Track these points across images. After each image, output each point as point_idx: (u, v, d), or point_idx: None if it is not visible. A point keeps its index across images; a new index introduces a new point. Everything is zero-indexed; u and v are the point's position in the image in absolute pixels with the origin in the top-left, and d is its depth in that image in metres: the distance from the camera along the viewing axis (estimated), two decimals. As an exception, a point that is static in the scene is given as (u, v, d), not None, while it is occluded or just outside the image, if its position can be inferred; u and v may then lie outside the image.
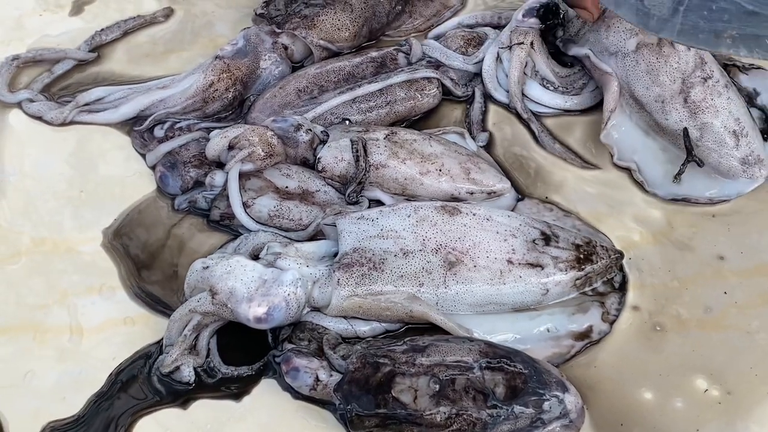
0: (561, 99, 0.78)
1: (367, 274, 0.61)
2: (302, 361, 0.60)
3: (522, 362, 0.58)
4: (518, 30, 0.78)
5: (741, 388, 0.61)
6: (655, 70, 0.72)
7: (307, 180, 0.71)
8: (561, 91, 0.79)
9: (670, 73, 0.72)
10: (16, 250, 0.71)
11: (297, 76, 0.79)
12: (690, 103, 0.72)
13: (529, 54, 0.78)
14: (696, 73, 0.72)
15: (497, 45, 0.79)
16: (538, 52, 0.78)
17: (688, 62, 0.72)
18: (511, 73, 0.77)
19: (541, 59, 0.78)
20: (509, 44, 0.78)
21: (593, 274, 0.64)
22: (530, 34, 0.78)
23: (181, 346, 0.61)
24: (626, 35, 0.73)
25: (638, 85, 0.73)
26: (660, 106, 0.72)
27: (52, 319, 0.66)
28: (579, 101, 0.79)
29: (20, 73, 0.83)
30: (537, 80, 0.79)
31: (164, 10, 0.89)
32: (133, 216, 0.73)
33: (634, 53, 0.73)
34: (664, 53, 0.72)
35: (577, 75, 0.80)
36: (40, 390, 0.62)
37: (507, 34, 0.79)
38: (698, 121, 0.71)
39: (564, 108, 0.78)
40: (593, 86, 0.79)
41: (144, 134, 0.77)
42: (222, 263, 0.61)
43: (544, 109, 0.78)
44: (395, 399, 0.56)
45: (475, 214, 0.65)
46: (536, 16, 0.78)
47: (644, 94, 0.73)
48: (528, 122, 0.77)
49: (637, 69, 0.73)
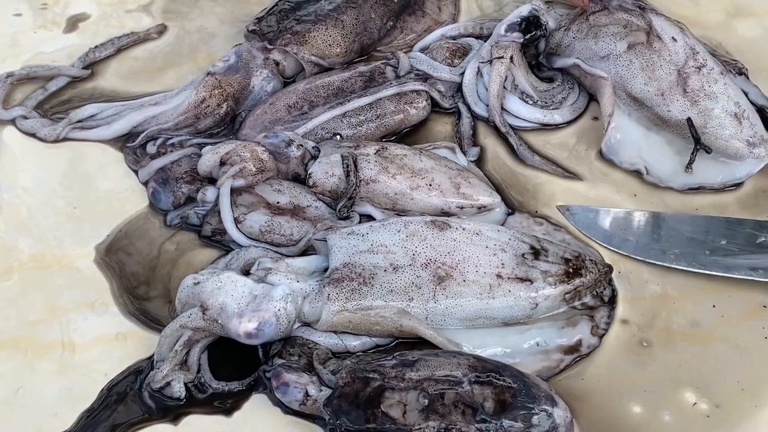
0: (540, 113, 0.79)
1: (357, 289, 0.62)
2: (292, 376, 0.60)
3: (511, 376, 0.58)
4: (499, 44, 0.79)
5: (729, 402, 0.61)
6: (650, 66, 0.74)
7: (299, 195, 0.71)
8: (540, 105, 0.79)
9: (664, 67, 0.74)
10: (10, 266, 0.71)
11: (287, 92, 0.79)
12: (690, 91, 0.73)
13: (508, 68, 0.78)
14: (689, 63, 0.74)
15: (477, 59, 0.79)
16: (518, 66, 0.79)
17: (678, 53, 0.74)
18: (491, 87, 0.78)
19: (520, 73, 0.79)
20: (489, 58, 0.78)
21: (582, 288, 0.65)
22: (510, 48, 0.78)
23: (171, 362, 0.61)
24: (616, 38, 0.75)
25: (635, 82, 0.75)
26: (661, 100, 0.74)
27: (44, 335, 0.67)
28: (558, 115, 0.79)
29: (14, 90, 0.84)
30: (516, 94, 0.79)
31: (158, 27, 0.90)
32: (126, 232, 0.73)
33: (626, 53, 0.75)
34: (656, 48, 0.74)
35: (557, 89, 0.80)
36: (32, 406, 0.63)
37: (487, 48, 0.79)
38: (700, 108, 0.73)
39: (543, 122, 0.79)
40: (573, 100, 0.80)
41: (136, 150, 0.77)
42: (213, 279, 0.61)
43: (523, 123, 0.79)
44: (384, 414, 0.56)
45: (464, 229, 0.65)
46: (518, 30, 0.78)
47: (642, 90, 0.74)
48: (506, 136, 0.77)
49: (631, 67, 0.75)
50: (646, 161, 0.75)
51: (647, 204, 0.73)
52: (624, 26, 0.76)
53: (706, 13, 0.90)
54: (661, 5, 0.83)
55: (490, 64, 0.78)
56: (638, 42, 0.75)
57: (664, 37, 0.76)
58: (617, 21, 0.76)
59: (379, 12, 0.85)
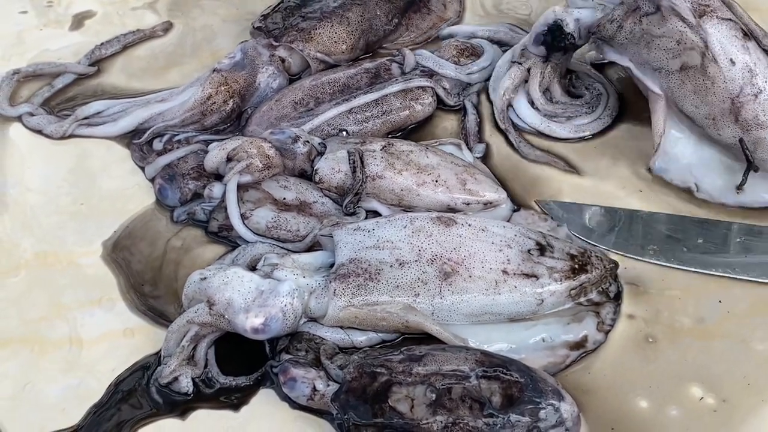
0: (538, 120, 0.79)
1: (363, 284, 0.62)
2: (299, 371, 0.60)
3: (518, 371, 0.58)
4: (524, 52, 0.79)
5: (736, 397, 0.61)
6: (702, 91, 0.70)
7: (305, 191, 0.71)
8: (543, 114, 0.79)
9: (718, 94, 0.70)
10: (17, 263, 0.71)
11: (293, 89, 0.79)
12: (741, 121, 0.69)
13: (524, 76, 0.79)
14: (745, 91, 0.69)
15: (511, 57, 0.80)
16: (533, 77, 0.79)
17: (735, 80, 0.69)
18: (501, 85, 0.79)
19: (534, 84, 0.79)
20: (514, 60, 0.79)
21: (588, 284, 0.65)
22: (531, 59, 0.78)
23: (179, 357, 0.61)
24: (669, 54, 0.71)
25: (686, 103, 0.71)
26: (711, 123, 0.71)
27: (52, 331, 0.67)
28: (555, 129, 0.79)
29: (21, 87, 0.84)
30: (527, 97, 0.79)
31: (163, 24, 0.90)
32: (133, 228, 0.73)
33: (679, 73, 0.71)
34: (710, 74, 0.69)
35: (570, 108, 0.80)
36: (40, 401, 0.63)
37: (518, 49, 0.80)
38: (751, 136, 0.70)
39: (538, 129, 0.79)
40: (581, 122, 0.79)
41: (143, 147, 0.78)
42: (219, 274, 0.61)
43: (523, 125, 0.79)
44: (392, 408, 0.56)
45: (470, 225, 0.65)
46: (542, 43, 0.77)
47: (693, 112, 0.72)
48: (505, 132, 0.78)
49: (683, 88, 0.71)
50: (696, 177, 0.73)
51: (652, 202, 0.73)
52: (678, 41, 0.70)
53: (710, 10, 0.90)
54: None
55: (512, 66, 0.79)
56: (691, 64, 0.70)
57: (721, 60, 0.69)
58: (671, 33, 0.70)
59: (385, 9, 0.85)
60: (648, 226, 0.70)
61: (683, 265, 0.68)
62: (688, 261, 0.68)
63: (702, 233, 0.69)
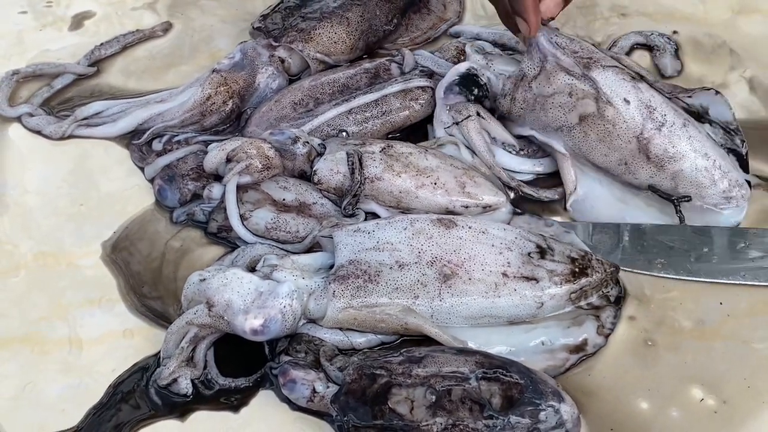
0: (530, 163, 0.75)
1: (363, 286, 0.62)
2: (299, 373, 0.60)
3: (518, 372, 0.58)
4: (456, 106, 0.75)
5: (737, 398, 0.61)
6: (606, 137, 0.70)
7: (304, 192, 0.71)
8: (526, 155, 0.75)
9: (622, 135, 0.69)
10: (16, 264, 0.71)
11: (292, 89, 0.79)
12: (653, 157, 0.69)
13: (480, 123, 0.74)
14: (647, 126, 0.69)
15: (441, 126, 0.76)
16: (488, 118, 0.75)
17: (634, 118, 0.69)
18: (477, 147, 0.74)
19: (493, 125, 0.75)
20: (454, 122, 0.75)
21: (588, 288, 0.65)
22: (470, 105, 0.75)
23: (178, 359, 0.61)
24: (564, 109, 0.71)
25: (595, 153, 0.71)
26: (625, 168, 0.70)
27: (52, 332, 0.67)
28: (547, 164, 0.75)
29: (20, 87, 0.84)
30: (500, 146, 0.75)
31: (163, 24, 0.90)
32: (132, 229, 0.73)
33: (579, 125, 0.71)
34: (609, 117, 0.69)
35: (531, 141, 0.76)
36: (40, 402, 0.63)
37: (445, 113, 0.75)
38: (667, 172, 0.69)
39: (536, 172, 0.75)
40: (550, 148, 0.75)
41: (142, 148, 0.78)
42: (219, 276, 0.61)
43: (518, 176, 0.75)
44: (392, 410, 0.56)
45: (470, 227, 0.65)
46: (458, 92, 0.75)
47: (605, 161, 0.71)
48: (518, 190, 0.74)
49: (588, 140, 0.71)
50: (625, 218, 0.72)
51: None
52: (569, 94, 0.71)
53: (711, 10, 0.90)
54: (666, 3, 0.84)
55: (457, 126, 0.75)
56: (588, 113, 0.70)
57: (615, 101, 0.69)
58: (561, 88, 0.71)
59: (384, 9, 0.85)
60: (652, 239, 0.69)
61: (693, 276, 0.67)
62: (697, 271, 0.67)
63: (706, 242, 0.69)
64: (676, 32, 0.87)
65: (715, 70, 0.84)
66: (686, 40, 0.87)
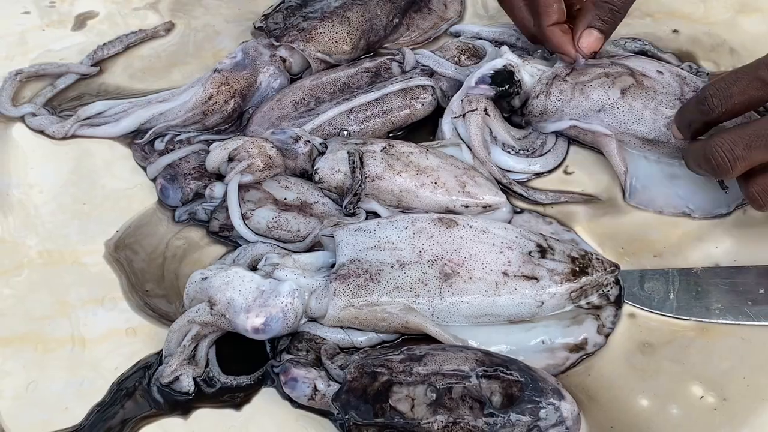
0: (526, 162, 0.75)
1: (363, 285, 0.62)
2: (300, 371, 0.60)
3: (518, 370, 0.58)
4: (469, 97, 0.75)
5: (737, 396, 0.61)
6: (650, 101, 0.72)
7: (306, 192, 0.71)
8: (524, 155, 0.76)
9: (664, 100, 0.72)
10: (20, 263, 0.72)
11: (293, 89, 0.80)
12: None
13: (484, 120, 0.75)
14: (685, 89, 0.72)
15: (449, 115, 0.76)
16: (494, 117, 0.75)
17: (671, 84, 0.72)
18: (473, 142, 0.74)
19: (496, 124, 0.75)
20: (462, 113, 0.75)
21: (589, 287, 0.65)
22: (482, 100, 0.75)
23: (180, 357, 0.62)
24: (604, 88, 0.72)
25: (642, 124, 0.72)
26: (670, 132, 0.71)
27: (55, 330, 0.67)
28: (543, 163, 0.75)
29: (23, 87, 0.85)
30: (498, 146, 0.75)
31: (165, 24, 0.90)
32: (135, 227, 0.74)
33: (623, 99, 0.72)
34: (649, 85, 0.72)
35: (534, 134, 0.77)
36: (43, 400, 0.63)
37: (458, 102, 0.76)
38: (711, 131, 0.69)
39: (533, 171, 0.75)
40: (552, 143, 0.76)
41: (145, 147, 0.78)
42: (220, 274, 0.62)
43: (514, 176, 0.75)
44: (393, 408, 0.56)
45: (471, 227, 0.65)
46: (490, 83, 0.75)
47: (652, 129, 0.72)
48: (509, 187, 0.74)
49: (633, 111, 0.72)
50: (684, 198, 0.72)
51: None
52: (606, 75, 0.73)
53: (711, 8, 0.90)
54: (666, 2, 0.84)
55: (463, 119, 0.75)
56: (629, 85, 0.72)
57: (650, 73, 0.73)
58: (596, 74, 0.74)
59: (385, 9, 0.85)
60: (706, 284, 0.66)
61: (753, 321, 0.64)
62: (757, 314, 0.64)
63: (760, 282, 0.66)
64: (677, 31, 0.87)
65: (714, 69, 0.84)
66: (686, 38, 0.87)
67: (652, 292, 0.66)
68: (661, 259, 0.69)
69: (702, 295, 0.66)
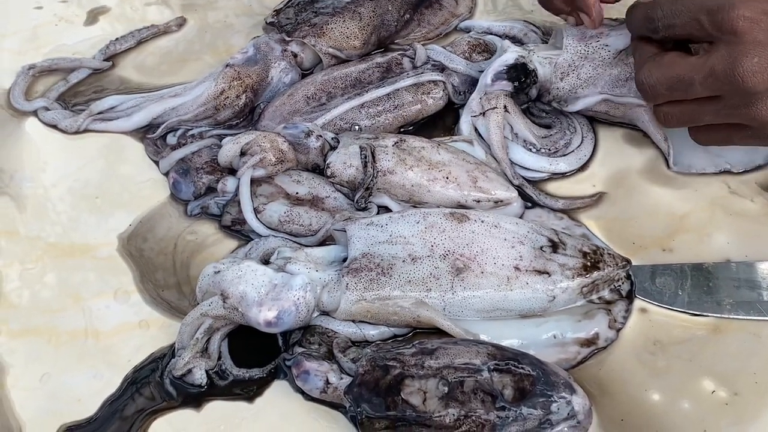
0: (546, 161, 0.74)
1: (376, 279, 0.62)
2: (312, 364, 0.61)
3: (530, 364, 0.58)
4: (488, 95, 0.75)
5: (748, 390, 0.61)
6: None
7: (317, 186, 0.72)
8: (545, 153, 0.75)
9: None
10: (33, 256, 0.72)
11: (305, 84, 0.80)
12: None
13: (504, 118, 0.74)
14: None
15: (469, 113, 0.76)
16: (514, 114, 0.75)
17: None
18: (493, 140, 0.74)
19: (518, 121, 0.75)
20: (482, 111, 0.75)
21: (600, 282, 0.65)
22: (501, 97, 0.75)
23: (192, 350, 0.62)
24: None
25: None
26: None
27: (68, 323, 0.68)
28: (565, 164, 0.75)
29: (36, 81, 0.85)
30: (519, 143, 0.75)
31: (177, 19, 0.91)
32: (147, 221, 0.74)
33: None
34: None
35: (557, 135, 0.76)
36: (56, 392, 0.64)
37: (477, 100, 0.75)
38: None
39: (551, 171, 0.74)
40: (576, 145, 0.76)
41: (157, 141, 0.78)
42: (233, 268, 0.62)
43: (531, 174, 0.74)
44: (405, 401, 0.57)
45: (483, 221, 0.65)
46: (506, 78, 0.75)
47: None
48: (521, 188, 0.73)
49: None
50: (720, 156, 0.72)
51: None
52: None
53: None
54: None
55: (483, 117, 0.75)
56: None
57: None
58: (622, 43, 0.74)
59: (396, 4, 0.85)
60: (717, 279, 0.66)
61: (764, 316, 0.64)
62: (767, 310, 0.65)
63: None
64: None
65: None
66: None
67: (664, 287, 0.66)
68: (672, 254, 0.69)
69: (713, 291, 0.66)
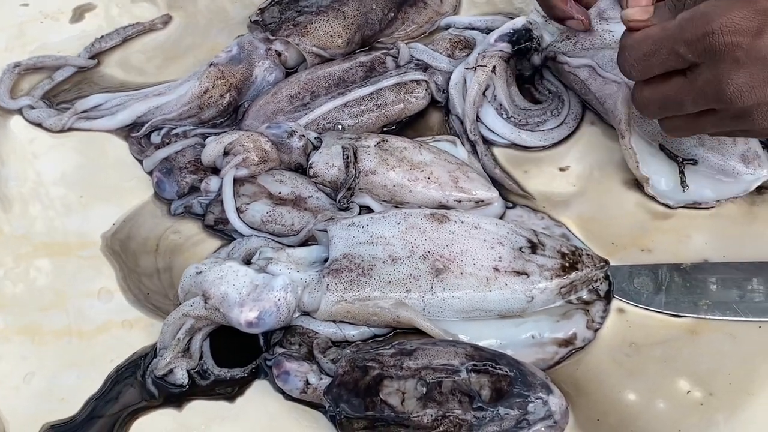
0: (509, 130, 0.77)
1: (356, 279, 0.63)
2: (293, 365, 0.61)
3: (507, 365, 0.59)
4: (485, 53, 0.78)
5: (723, 390, 0.62)
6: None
7: (300, 186, 0.72)
8: (514, 123, 0.77)
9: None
10: (17, 255, 0.72)
11: (288, 83, 0.80)
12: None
13: (489, 78, 0.77)
14: None
15: (464, 65, 0.79)
16: (499, 76, 0.77)
17: None
18: (468, 94, 0.76)
19: (499, 84, 0.77)
20: (474, 65, 0.77)
21: (578, 282, 0.66)
22: (494, 58, 0.77)
23: (174, 350, 0.63)
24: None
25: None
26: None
27: (52, 322, 0.68)
28: (527, 138, 0.77)
29: (21, 79, 0.85)
30: (494, 106, 0.77)
31: (163, 17, 0.91)
32: (131, 221, 0.74)
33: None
34: None
35: (536, 112, 0.78)
36: (40, 391, 0.64)
37: (474, 55, 0.78)
38: None
39: (512, 140, 0.77)
40: (551, 126, 0.77)
41: (141, 140, 0.79)
42: (215, 268, 0.62)
43: (492, 136, 0.77)
44: (383, 402, 0.57)
45: (463, 222, 0.66)
46: (508, 41, 0.77)
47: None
48: (474, 144, 0.75)
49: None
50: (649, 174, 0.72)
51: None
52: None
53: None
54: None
55: (474, 71, 0.77)
56: None
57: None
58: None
59: (381, 3, 0.85)
60: (694, 280, 0.67)
61: (740, 317, 0.65)
62: (744, 310, 0.65)
63: (750, 279, 0.67)
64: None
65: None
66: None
67: (641, 287, 0.67)
68: (650, 255, 0.70)
69: (690, 291, 0.66)
